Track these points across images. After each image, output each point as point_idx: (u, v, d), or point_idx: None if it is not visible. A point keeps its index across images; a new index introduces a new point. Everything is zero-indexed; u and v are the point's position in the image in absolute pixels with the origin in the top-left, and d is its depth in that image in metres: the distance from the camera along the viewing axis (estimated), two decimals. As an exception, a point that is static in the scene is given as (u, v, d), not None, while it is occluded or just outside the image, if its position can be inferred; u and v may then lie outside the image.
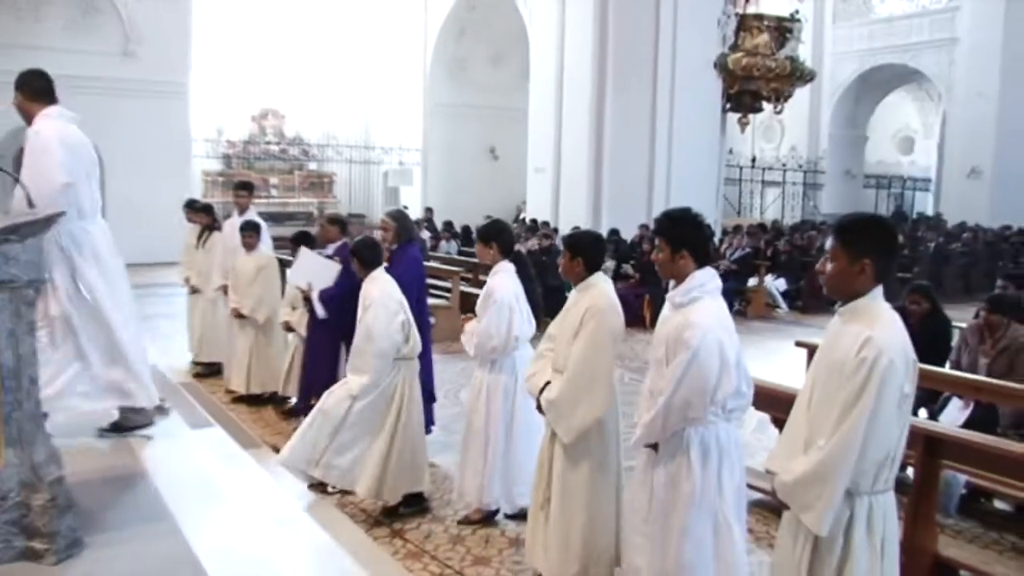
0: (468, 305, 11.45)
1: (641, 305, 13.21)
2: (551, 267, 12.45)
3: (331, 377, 6.73)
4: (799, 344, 7.33)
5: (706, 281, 3.74)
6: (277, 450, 6.28)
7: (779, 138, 30.10)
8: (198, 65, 20.92)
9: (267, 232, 8.66)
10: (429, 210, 21.56)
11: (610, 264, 14.62)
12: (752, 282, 15.65)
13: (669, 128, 17.91)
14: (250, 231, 8.24)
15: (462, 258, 15.60)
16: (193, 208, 9.92)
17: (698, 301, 3.70)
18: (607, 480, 4.50)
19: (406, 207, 24.44)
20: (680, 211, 3.89)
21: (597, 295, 4.50)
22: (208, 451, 5.73)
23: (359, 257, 5.79)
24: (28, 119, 5.22)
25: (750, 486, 4.50)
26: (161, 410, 6.14)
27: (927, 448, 4.84)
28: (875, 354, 2.92)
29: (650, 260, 13.98)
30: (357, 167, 25.15)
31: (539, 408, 4.57)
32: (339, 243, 7.24)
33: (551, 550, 4.51)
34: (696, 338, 3.56)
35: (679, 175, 17.99)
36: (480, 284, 10.15)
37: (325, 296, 6.78)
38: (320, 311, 6.74)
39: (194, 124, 20.82)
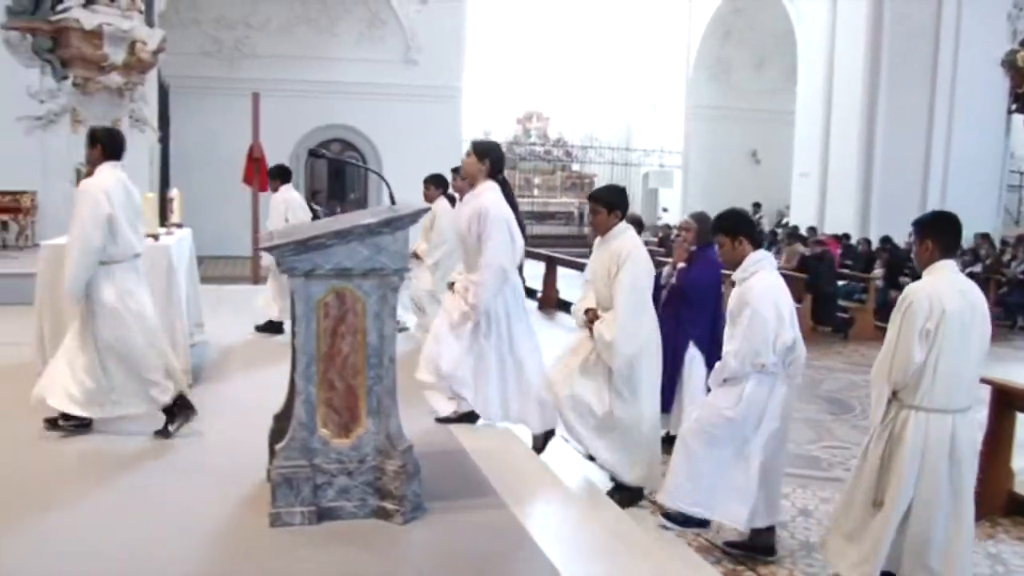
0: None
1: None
2: (825, 274, 12.22)
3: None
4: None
5: (761, 259, 4.66)
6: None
7: (1067, 140, 27.72)
8: (469, 69, 21.84)
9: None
10: None
11: (879, 271, 14.08)
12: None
13: (947, 131, 17.09)
14: (429, 184, 9.10)
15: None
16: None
17: (755, 274, 4.59)
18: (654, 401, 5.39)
19: (666, 209, 24.61)
20: (728, 211, 4.87)
21: (624, 241, 5.18)
22: (509, 432, 6.09)
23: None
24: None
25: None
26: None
27: None
28: (902, 297, 3.99)
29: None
30: (617, 168, 25.39)
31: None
32: None
33: (615, 453, 5.35)
34: (755, 298, 4.49)
35: (956, 180, 17.16)
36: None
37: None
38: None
39: (463, 126, 21.72)
